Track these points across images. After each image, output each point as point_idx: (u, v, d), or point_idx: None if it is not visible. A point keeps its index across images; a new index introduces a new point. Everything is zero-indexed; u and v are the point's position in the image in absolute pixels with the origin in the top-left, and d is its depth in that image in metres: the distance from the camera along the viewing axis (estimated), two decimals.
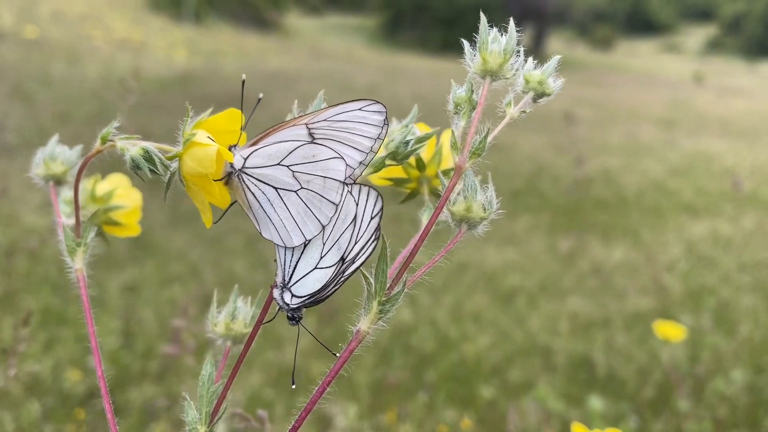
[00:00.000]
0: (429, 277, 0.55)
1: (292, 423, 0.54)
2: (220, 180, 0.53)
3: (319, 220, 0.54)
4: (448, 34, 25.14)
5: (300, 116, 0.55)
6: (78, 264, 0.64)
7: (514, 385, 2.91)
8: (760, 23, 33.84)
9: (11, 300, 3.15)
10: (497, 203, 0.55)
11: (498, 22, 0.57)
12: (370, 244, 0.56)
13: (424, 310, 3.55)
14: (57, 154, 0.71)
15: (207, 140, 0.51)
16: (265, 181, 0.53)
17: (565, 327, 3.48)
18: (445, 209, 0.55)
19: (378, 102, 0.54)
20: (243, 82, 0.60)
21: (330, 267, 0.55)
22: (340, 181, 0.54)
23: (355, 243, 0.55)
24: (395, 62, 18.70)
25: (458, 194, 0.54)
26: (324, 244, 0.55)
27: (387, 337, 3.24)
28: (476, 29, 0.56)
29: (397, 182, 0.70)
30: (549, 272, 4.30)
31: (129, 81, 2.21)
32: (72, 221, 0.66)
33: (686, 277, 4.25)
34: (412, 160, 0.67)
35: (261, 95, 0.62)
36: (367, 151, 0.55)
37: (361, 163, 0.55)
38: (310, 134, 0.54)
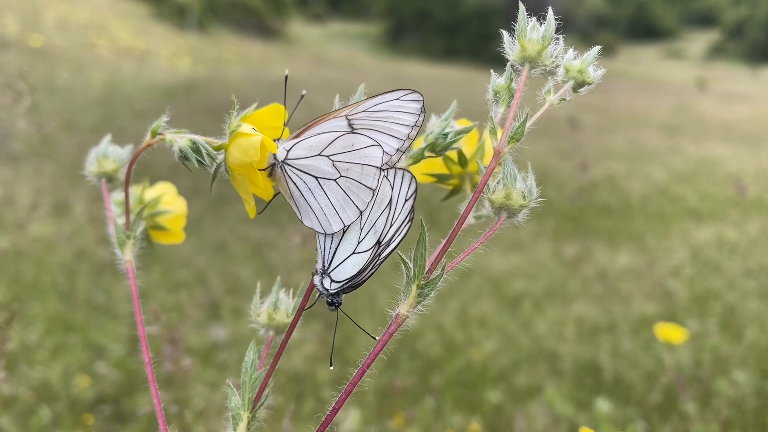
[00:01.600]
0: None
1: (328, 410, 0.56)
2: (264, 170, 0.55)
3: (357, 206, 0.56)
4: (451, 41, 25.21)
5: (340, 108, 0.57)
6: (128, 255, 0.68)
7: (521, 390, 2.91)
8: (763, 29, 33.84)
9: (19, 307, 3.17)
10: (537, 191, 0.55)
11: (500, 28, 0.59)
12: (405, 225, 0.57)
13: (430, 315, 3.55)
14: (109, 153, 0.74)
15: (252, 131, 0.53)
16: (307, 171, 0.55)
17: (572, 332, 3.48)
18: (484, 198, 0.56)
19: (415, 91, 0.56)
20: (286, 77, 0.61)
21: (367, 251, 0.57)
22: (377, 167, 0.55)
23: (391, 225, 0.57)
24: (398, 69, 18.75)
25: (497, 182, 0.55)
26: (362, 229, 0.57)
27: (393, 342, 3.24)
28: (479, 36, 0.57)
29: (440, 178, 0.71)
30: (554, 278, 4.30)
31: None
32: (122, 220, 0.68)
33: (692, 283, 4.25)
34: (454, 155, 0.68)
35: (304, 92, 0.63)
36: (404, 138, 0.56)
37: (398, 149, 0.56)
38: (350, 125, 0.56)
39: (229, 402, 0.57)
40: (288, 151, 0.55)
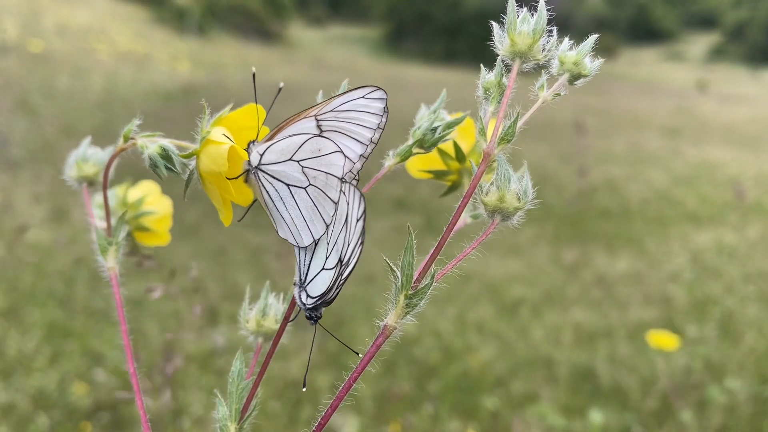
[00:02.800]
0: (433, 288, 0.54)
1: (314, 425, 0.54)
2: (237, 178, 0.53)
3: (323, 219, 0.53)
4: (451, 44, 25.22)
5: (311, 107, 0.54)
6: (110, 262, 0.65)
7: (518, 397, 2.91)
8: (764, 30, 33.83)
9: (17, 314, 3.17)
10: (533, 193, 0.52)
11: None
12: (358, 248, 0.54)
13: (428, 321, 3.55)
14: (89, 156, 0.72)
15: (222, 138, 0.51)
16: (279, 178, 0.53)
17: (569, 338, 3.48)
18: (478, 200, 0.52)
19: (380, 88, 0.53)
20: (254, 75, 0.59)
21: (333, 268, 0.55)
22: (339, 178, 0.53)
23: (348, 244, 0.54)
24: (398, 73, 18.75)
25: (491, 183, 0.52)
26: (328, 244, 0.55)
27: (391, 348, 3.24)
28: (479, 39, 0.55)
29: (437, 174, 0.67)
30: (553, 283, 4.30)
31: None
32: (104, 225, 0.66)
33: (691, 287, 4.24)
34: (450, 149, 0.64)
35: (282, 84, 0.61)
36: (367, 143, 0.53)
37: (361, 155, 0.53)
38: (318, 126, 0.53)
39: (216, 413, 0.56)
40: (261, 156, 0.53)
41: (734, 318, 3.74)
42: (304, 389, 0.57)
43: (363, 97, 0.54)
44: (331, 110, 0.53)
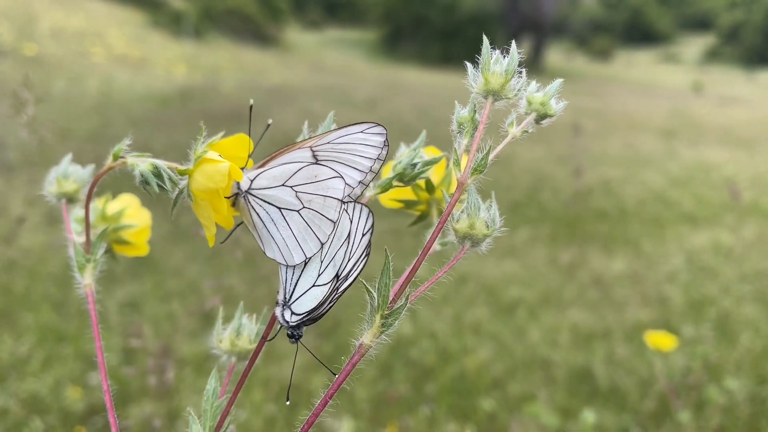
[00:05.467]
0: (429, 290, 0.56)
1: None
2: (227, 198, 0.55)
3: (318, 238, 0.55)
4: (448, 47, 25.24)
5: (306, 139, 0.57)
6: (87, 279, 0.66)
7: (515, 398, 2.90)
8: (759, 32, 33.94)
9: (10, 318, 3.16)
10: (501, 221, 0.56)
11: (497, 34, 0.58)
12: (362, 260, 0.57)
13: (425, 323, 3.54)
14: (70, 173, 0.73)
15: (219, 158, 0.53)
16: (270, 202, 0.55)
17: (566, 339, 3.47)
18: (449, 227, 0.56)
19: (379, 125, 0.56)
20: (251, 107, 0.61)
21: (326, 284, 0.56)
22: (339, 200, 0.55)
23: (349, 259, 0.56)
24: (395, 76, 18.77)
25: (461, 212, 0.55)
26: (322, 262, 0.56)
27: (388, 350, 3.23)
28: (475, 42, 0.57)
29: (408, 204, 0.71)
30: (549, 284, 4.30)
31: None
32: (83, 239, 0.66)
33: (687, 288, 4.24)
34: (421, 182, 0.69)
35: (270, 121, 0.63)
36: (367, 171, 0.56)
37: (360, 182, 0.56)
38: (314, 156, 0.55)
39: (189, 431, 0.56)
40: (252, 181, 0.55)
41: (731, 318, 3.74)
42: (288, 402, 0.58)
43: (362, 132, 0.56)
44: (328, 143, 0.56)
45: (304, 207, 0.55)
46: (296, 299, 0.57)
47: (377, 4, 30.15)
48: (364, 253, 0.57)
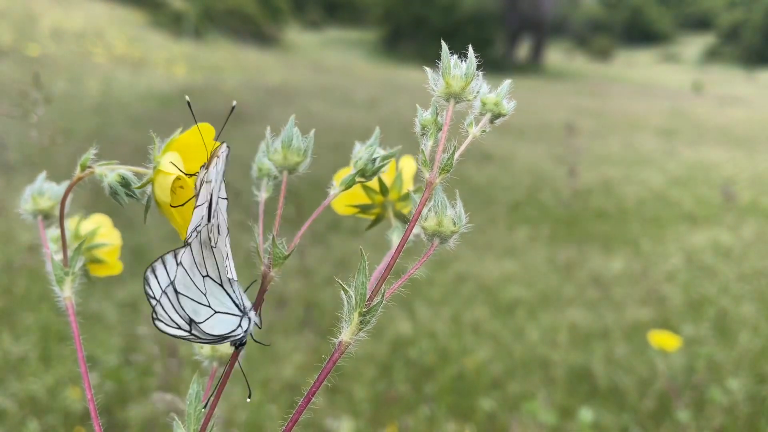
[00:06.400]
0: (427, 288, 0.57)
1: None
2: (182, 205, 0.54)
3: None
4: (448, 46, 25.25)
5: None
6: (66, 292, 0.66)
7: (514, 398, 2.90)
8: (759, 32, 33.95)
9: (10, 318, 3.16)
10: (466, 217, 0.58)
11: (497, 33, 0.59)
12: None
13: (424, 322, 3.55)
14: (44, 190, 0.73)
15: (169, 167, 0.52)
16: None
17: (565, 339, 3.48)
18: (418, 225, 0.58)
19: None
20: (188, 103, 0.58)
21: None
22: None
23: None
24: (395, 75, 18.78)
25: (429, 210, 0.57)
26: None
27: (387, 350, 3.24)
28: (475, 42, 0.60)
29: (363, 209, 0.73)
30: (549, 284, 4.30)
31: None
32: (60, 256, 0.67)
33: (686, 287, 4.25)
34: (375, 185, 0.70)
35: (234, 103, 0.61)
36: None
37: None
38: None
39: None
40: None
41: (729, 317, 3.74)
42: (248, 400, 0.59)
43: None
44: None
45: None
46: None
47: (377, 4, 30.18)
48: None
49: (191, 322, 0.55)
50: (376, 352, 3.21)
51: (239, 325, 0.57)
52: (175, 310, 0.54)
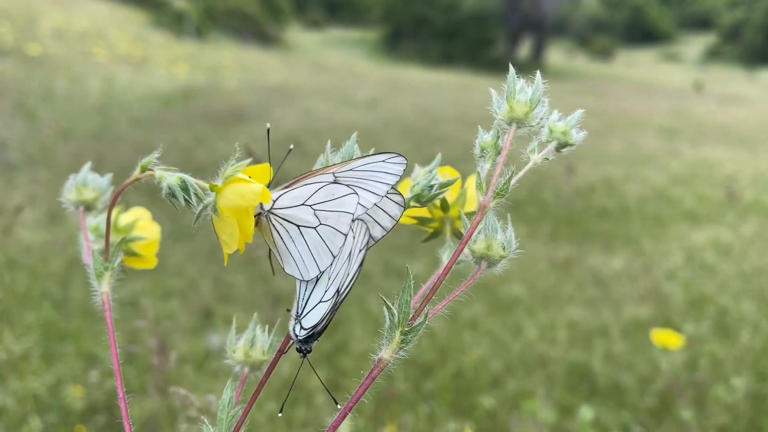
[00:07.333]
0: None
1: None
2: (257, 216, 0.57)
3: (331, 252, 0.57)
4: (448, 47, 25.26)
5: (329, 166, 0.59)
6: (104, 287, 0.67)
7: (514, 395, 2.90)
8: (759, 31, 33.92)
9: (11, 316, 3.16)
10: (516, 243, 0.57)
11: (498, 33, 0.59)
12: (356, 276, 0.58)
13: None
14: (89, 181, 0.73)
15: (249, 179, 0.55)
16: (289, 220, 0.57)
17: (564, 336, 3.48)
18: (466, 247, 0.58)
19: (400, 155, 0.58)
20: (268, 130, 0.62)
21: (330, 299, 0.59)
22: (351, 214, 0.57)
23: (347, 275, 0.58)
24: (396, 75, 18.77)
25: (479, 233, 0.57)
26: (329, 277, 0.58)
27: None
28: (476, 42, 0.59)
29: (422, 221, 0.73)
30: (549, 282, 4.30)
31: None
32: (97, 246, 0.68)
33: (687, 286, 4.24)
34: (437, 201, 0.71)
35: (292, 146, 0.65)
36: (382, 195, 0.59)
37: (375, 204, 0.59)
38: (336, 181, 0.58)
39: None
40: (274, 201, 0.57)
41: (730, 316, 3.74)
42: (280, 414, 0.59)
43: (383, 161, 0.59)
44: (351, 169, 0.58)
45: (320, 224, 0.57)
46: (306, 314, 0.59)
47: (378, 4, 30.18)
48: (358, 270, 0.58)
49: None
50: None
51: (293, 328, 0.59)
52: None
